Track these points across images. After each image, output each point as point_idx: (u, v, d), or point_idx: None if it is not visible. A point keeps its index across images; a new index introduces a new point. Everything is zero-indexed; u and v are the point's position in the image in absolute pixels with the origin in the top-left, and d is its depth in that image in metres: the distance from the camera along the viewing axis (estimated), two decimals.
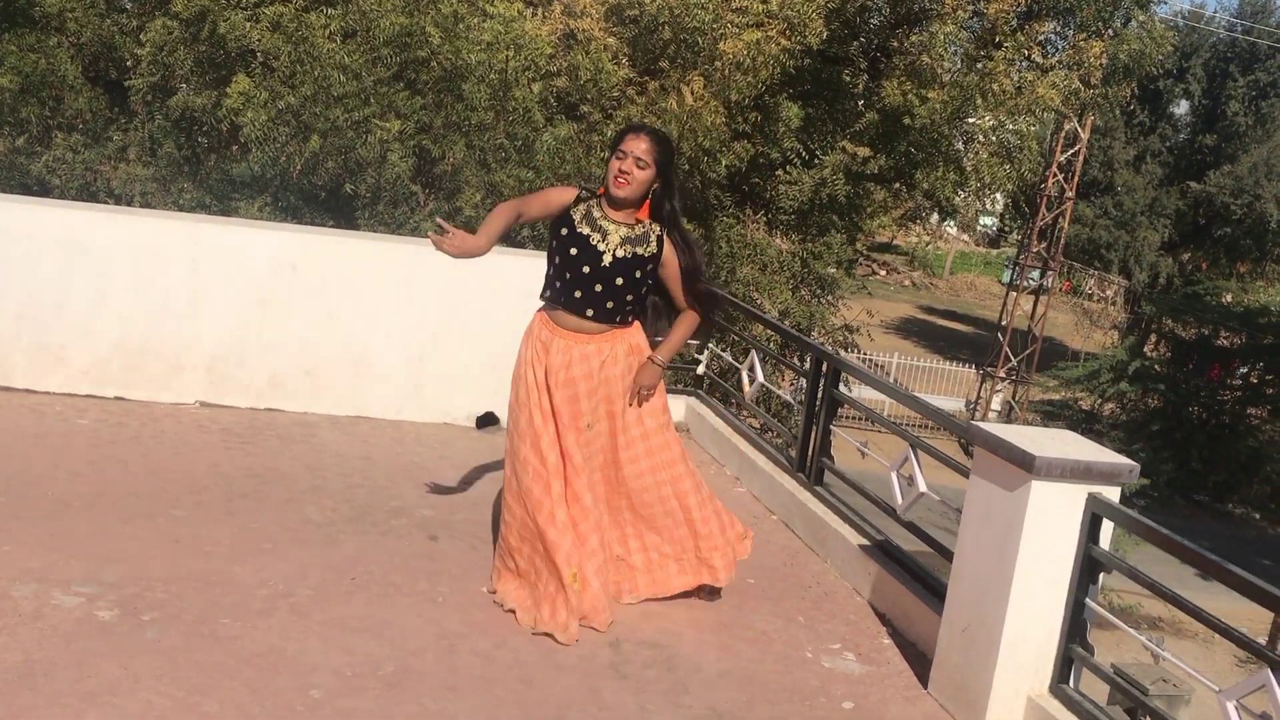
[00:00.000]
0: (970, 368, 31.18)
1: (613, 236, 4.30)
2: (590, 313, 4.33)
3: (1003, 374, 29.05)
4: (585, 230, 4.30)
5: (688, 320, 4.53)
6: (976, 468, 4.06)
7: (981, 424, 4.04)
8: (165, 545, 4.66)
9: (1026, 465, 3.76)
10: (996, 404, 28.92)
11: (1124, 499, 3.92)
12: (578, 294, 4.32)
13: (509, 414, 4.53)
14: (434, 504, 5.53)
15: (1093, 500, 3.82)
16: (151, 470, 5.48)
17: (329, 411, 6.68)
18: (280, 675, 3.76)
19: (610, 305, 4.34)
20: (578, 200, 4.36)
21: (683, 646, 4.38)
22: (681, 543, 4.60)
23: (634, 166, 4.24)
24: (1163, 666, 12.57)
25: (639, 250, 4.33)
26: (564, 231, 4.32)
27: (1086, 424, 26.67)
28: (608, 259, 4.29)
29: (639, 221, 4.37)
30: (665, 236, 4.41)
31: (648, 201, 4.35)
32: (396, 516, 5.30)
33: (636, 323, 4.52)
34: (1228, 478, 25.72)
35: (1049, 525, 3.82)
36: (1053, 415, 28.27)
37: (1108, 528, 3.87)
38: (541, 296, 4.46)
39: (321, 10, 9.16)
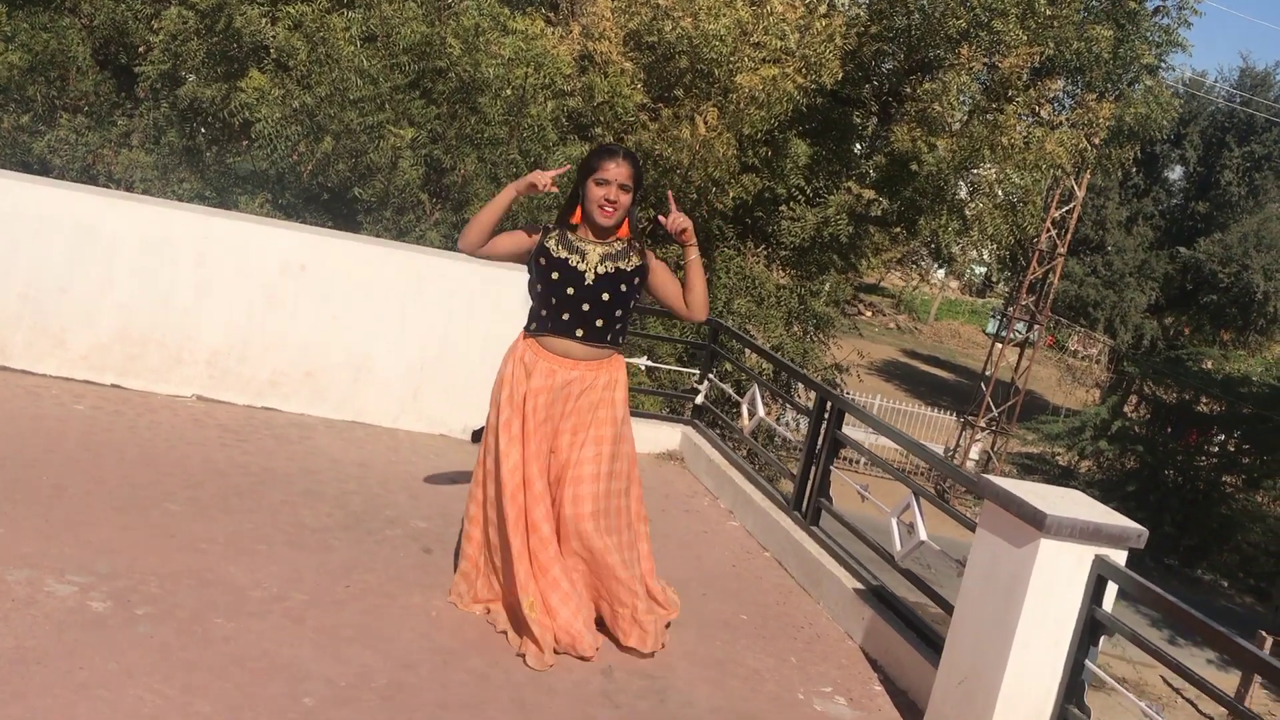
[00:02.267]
0: (950, 415, 31.29)
1: (591, 256, 4.30)
2: (580, 333, 4.33)
3: (983, 424, 29.13)
4: (563, 254, 4.29)
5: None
6: (984, 521, 4.06)
7: (992, 478, 4.04)
8: (159, 539, 4.61)
9: (1037, 523, 3.76)
10: (974, 453, 28.99)
11: None
12: (565, 316, 4.31)
13: (485, 434, 4.50)
14: (428, 515, 5.50)
15: (1099, 562, 3.82)
16: (147, 461, 5.43)
17: (326, 415, 6.64)
18: (273, 680, 3.72)
19: (600, 324, 4.35)
20: (547, 232, 4.36)
21: (675, 679, 4.35)
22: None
23: (619, 194, 4.25)
24: None
25: (621, 265, 4.33)
26: (542, 261, 4.32)
27: (1062, 479, 26.80)
28: (590, 277, 4.29)
29: (618, 239, 4.37)
30: (646, 250, 4.45)
31: (626, 219, 4.36)
32: (391, 526, 5.27)
33: (621, 356, 4.51)
34: (1199, 543, 25.87)
35: (1054, 584, 3.81)
36: (1029, 468, 28.41)
37: (1111, 590, 3.87)
38: (527, 329, 4.43)
39: (343, 13, 9.15)
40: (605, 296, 4.32)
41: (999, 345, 29.70)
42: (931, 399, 35.31)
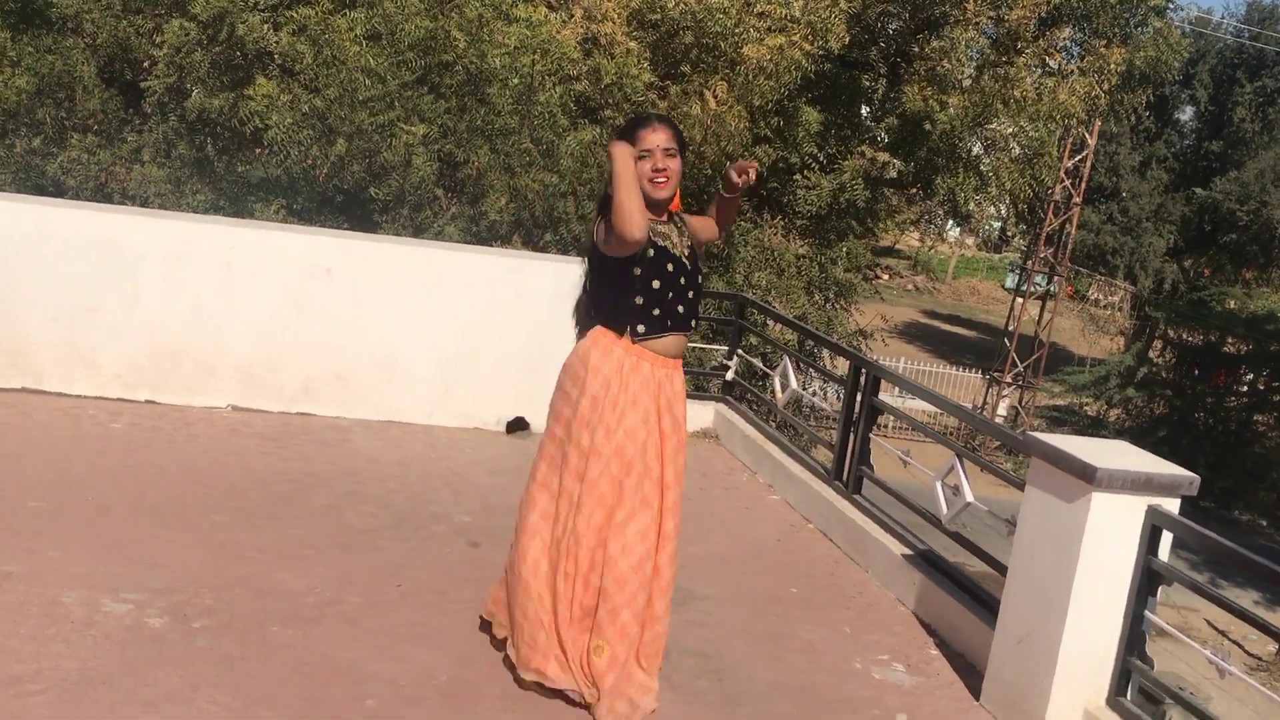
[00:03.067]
0: (975, 373, 31.16)
1: (674, 238, 3.86)
2: (693, 324, 3.94)
3: (1009, 379, 29.03)
4: (661, 242, 3.81)
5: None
6: (1033, 479, 4.04)
7: (1038, 435, 4.02)
8: (209, 551, 4.63)
9: (1087, 477, 3.73)
10: (1002, 409, 28.90)
11: None
12: (681, 309, 3.85)
13: (599, 463, 3.79)
14: (472, 510, 5.51)
15: (1152, 512, 3.80)
16: (188, 475, 5.45)
17: (361, 416, 6.65)
18: (335, 685, 3.74)
19: (699, 308, 4.00)
20: None
21: (731, 656, 4.36)
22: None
23: (667, 160, 3.75)
24: (1179, 674, 12.59)
25: (688, 241, 3.93)
26: (651, 253, 3.78)
27: (1092, 430, 26.69)
28: (688, 262, 3.89)
29: (672, 214, 3.91)
30: (684, 214, 4.03)
31: (677, 191, 3.87)
32: (436, 522, 5.28)
33: None
34: (1234, 485, 25.72)
35: (1109, 537, 3.79)
36: (1058, 421, 28.29)
37: (1166, 539, 3.85)
38: (635, 334, 3.80)
39: (345, 13, 9.13)
40: (700, 279, 3.97)
41: (1019, 299, 29.55)
42: (955, 358, 35.13)
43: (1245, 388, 27.68)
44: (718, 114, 9.47)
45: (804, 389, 8.62)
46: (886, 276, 46.02)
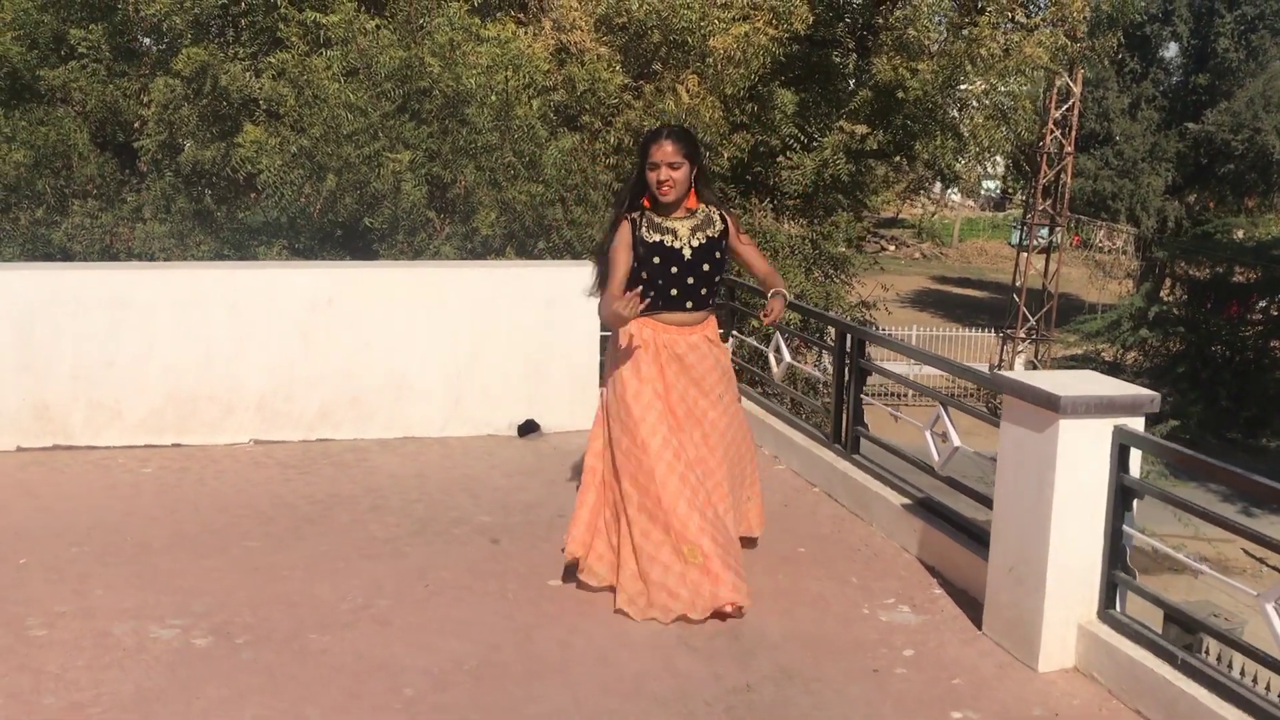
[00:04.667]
0: (990, 332, 31.30)
1: (682, 232, 4.70)
2: (690, 305, 4.72)
3: (1023, 334, 29.15)
4: (656, 237, 4.67)
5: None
6: (1006, 414, 4.27)
7: (1005, 372, 4.25)
8: (245, 574, 4.91)
9: (1053, 406, 3.96)
10: (1020, 364, 29.00)
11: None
12: (674, 292, 4.69)
13: (615, 415, 4.69)
14: (490, 510, 5.77)
15: (1119, 432, 4.02)
16: (219, 508, 5.73)
17: (377, 436, 6.92)
18: (373, 679, 4.00)
19: (704, 291, 4.75)
20: (634, 223, 4.70)
21: (746, 616, 4.59)
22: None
23: (670, 172, 4.61)
24: (1214, 603, 12.72)
25: (709, 233, 4.73)
26: (640, 250, 4.67)
27: (1111, 374, 26.69)
28: (688, 252, 4.68)
29: (692, 211, 4.74)
30: (725, 214, 4.85)
31: (692, 190, 4.72)
32: (457, 525, 5.54)
33: (714, 315, 4.91)
34: (1258, 413, 25.73)
35: (1080, 460, 4.02)
36: (1077, 370, 28.33)
37: (1136, 457, 4.07)
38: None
39: (321, 52, 9.41)
40: (705, 266, 4.72)
41: (1024, 254, 29.66)
42: (969, 319, 35.30)
43: (1259, 315, 27.67)
44: (691, 107, 9.70)
45: (814, 365, 8.84)
46: (893, 248, 46.09)
